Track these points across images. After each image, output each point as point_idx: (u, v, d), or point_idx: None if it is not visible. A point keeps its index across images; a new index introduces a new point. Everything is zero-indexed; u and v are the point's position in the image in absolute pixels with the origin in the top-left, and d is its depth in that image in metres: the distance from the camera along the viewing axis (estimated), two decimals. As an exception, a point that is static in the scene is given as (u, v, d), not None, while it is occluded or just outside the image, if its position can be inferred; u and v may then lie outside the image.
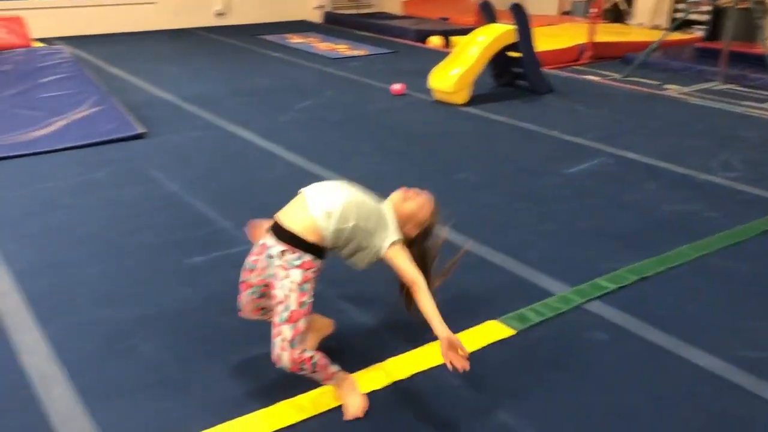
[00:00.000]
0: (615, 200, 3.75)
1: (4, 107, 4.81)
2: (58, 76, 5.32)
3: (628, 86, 6.63)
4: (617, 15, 10.49)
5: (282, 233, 1.97)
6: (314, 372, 1.99)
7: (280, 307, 1.93)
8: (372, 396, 2.13)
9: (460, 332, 2.46)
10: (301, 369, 1.95)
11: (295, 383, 2.17)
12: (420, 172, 4.14)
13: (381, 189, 3.02)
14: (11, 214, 3.45)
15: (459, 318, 2.55)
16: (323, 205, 1.97)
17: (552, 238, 3.27)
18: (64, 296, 2.69)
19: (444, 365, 1.92)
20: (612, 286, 2.79)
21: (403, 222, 2.14)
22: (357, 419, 2.03)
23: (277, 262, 1.96)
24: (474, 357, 2.33)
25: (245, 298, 2.13)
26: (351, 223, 1.97)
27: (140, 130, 4.74)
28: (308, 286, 1.95)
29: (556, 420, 2.05)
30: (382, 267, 2.07)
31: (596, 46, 7.93)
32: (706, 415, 2.09)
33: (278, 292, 1.94)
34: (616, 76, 7.09)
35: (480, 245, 3.16)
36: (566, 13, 11.15)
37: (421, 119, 5.38)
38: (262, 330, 2.49)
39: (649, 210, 3.61)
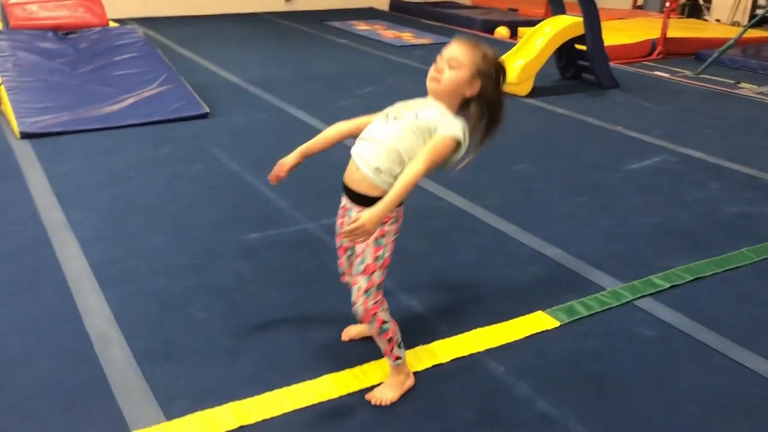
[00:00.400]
0: (676, 198, 3.66)
1: (78, 83, 5.01)
2: (130, 55, 5.50)
3: (700, 84, 6.43)
4: (694, 10, 10.16)
5: (352, 194, 2.03)
6: (379, 335, 2.03)
7: (357, 260, 2.01)
8: (414, 376, 2.16)
9: (507, 321, 2.47)
10: (372, 323, 2.00)
11: (340, 359, 2.22)
12: (477, 161, 4.09)
13: (433, 176, 3.03)
14: (80, 185, 3.62)
15: (508, 306, 2.57)
16: (370, 162, 1.96)
17: (607, 234, 3.22)
18: (125, 264, 2.81)
19: (486, 355, 1.93)
20: (665, 285, 2.74)
21: (453, 93, 1.96)
22: (385, 404, 2.04)
23: None
24: (518, 346, 2.35)
25: (345, 262, 2.19)
26: (404, 162, 1.93)
27: (205, 109, 4.87)
28: (384, 241, 1.99)
29: (597, 411, 2.04)
30: (429, 253, 2.08)
31: (669, 41, 7.70)
32: (750, 417, 2.04)
33: (358, 248, 2.01)
34: (688, 73, 6.88)
35: (533, 237, 3.14)
36: (639, 7, 10.86)
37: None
38: (309, 306, 2.56)
39: (711, 210, 3.52)
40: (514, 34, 8.59)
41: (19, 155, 4.00)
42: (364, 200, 1.97)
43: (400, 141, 1.92)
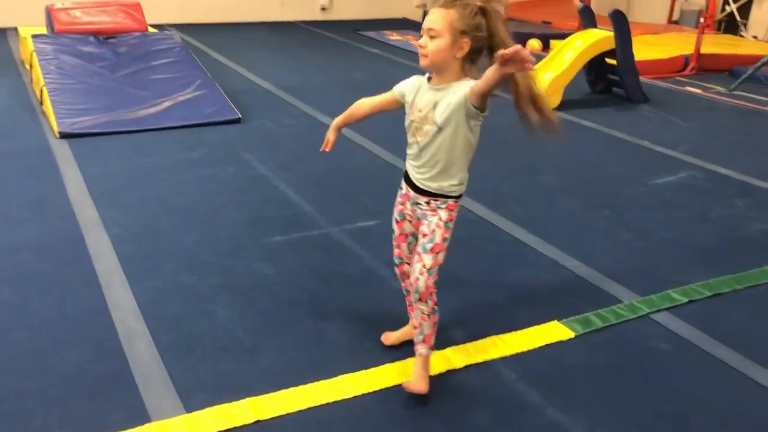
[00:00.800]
0: (699, 214, 3.65)
1: (117, 86, 5.17)
2: (167, 60, 5.65)
3: (732, 100, 6.37)
4: (731, 26, 10.05)
5: (418, 189, 2.10)
6: (430, 316, 2.11)
7: (424, 239, 2.08)
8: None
9: (521, 329, 2.51)
10: (427, 301, 2.09)
11: (357, 360, 2.28)
12: (501, 171, 4.17)
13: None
14: (114, 184, 3.74)
15: (523, 316, 2.60)
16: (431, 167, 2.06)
17: (627, 247, 3.24)
18: (153, 261, 2.91)
19: (499, 362, 1.96)
20: (683, 299, 2.75)
21: (444, 62, 1.95)
22: (417, 394, 2.11)
23: (424, 207, 2.11)
24: (532, 355, 2.38)
25: (404, 250, 2.25)
26: (458, 151, 2.02)
27: (237, 115, 4.99)
28: (452, 225, 2.10)
29: (607, 422, 2.07)
30: (447, 259, 2.13)
31: (702, 57, 7.64)
32: (765, 434, 2.05)
33: (425, 228, 2.09)
34: (721, 89, 6.83)
35: (553, 247, 3.17)
36: (675, 22, 10.78)
37: (508, 120, 5.34)
38: (328, 308, 2.62)
39: (734, 227, 3.51)
40: (546, 47, 8.59)
41: (58, 154, 4.15)
42: (433, 193, 2.08)
43: (444, 154, 2.02)
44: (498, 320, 2.56)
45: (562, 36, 8.09)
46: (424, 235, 2.09)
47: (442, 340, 2.42)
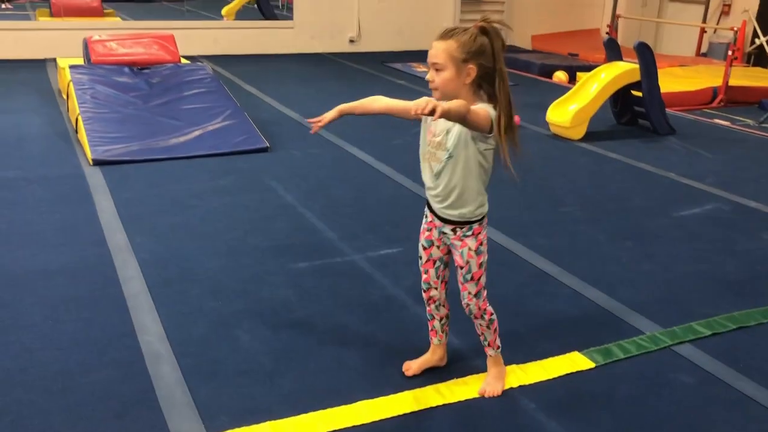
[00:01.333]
0: (725, 247, 3.62)
1: (150, 115, 5.31)
2: (199, 91, 5.80)
3: (761, 133, 6.33)
4: (761, 58, 9.99)
5: (442, 218, 2.16)
6: (488, 327, 2.28)
7: (462, 270, 2.18)
8: (443, 409, 2.22)
9: (541, 360, 2.51)
10: (483, 317, 2.25)
11: (376, 386, 2.30)
12: (525, 201, 4.19)
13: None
14: (143, 210, 3.83)
15: (543, 345, 2.60)
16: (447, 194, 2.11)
17: (651, 279, 3.22)
18: (179, 285, 2.98)
19: (518, 391, 1.97)
20: (706, 332, 2.73)
21: (456, 91, 1.98)
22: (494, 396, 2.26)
23: (451, 236, 2.17)
24: (552, 385, 2.38)
25: (432, 275, 2.29)
26: (472, 176, 2.07)
27: (266, 144, 5.09)
28: (483, 248, 2.17)
29: (626, 454, 2.06)
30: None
31: (731, 89, 7.61)
32: (789, 470, 2.02)
33: (459, 259, 2.17)
34: (750, 122, 6.79)
35: (575, 278, 3.17)
36: (703, 54, 10.75)
37: (534, 151, 5.41)
38: (349, 334, 2.65)
39: (761, 260, 3.47)
40: (572, 79, 8.63)
41: (91, 181, 4.27)
42: (458, 221, 2.14)
43: (458, 180, 2.08)
44: (518, 349, 2.57)
45: (589, 68, 8.13)
46: (461, 267, 2.18)
47: (461, 368, 2.43)
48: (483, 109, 1.97)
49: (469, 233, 2.14)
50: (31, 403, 2.18)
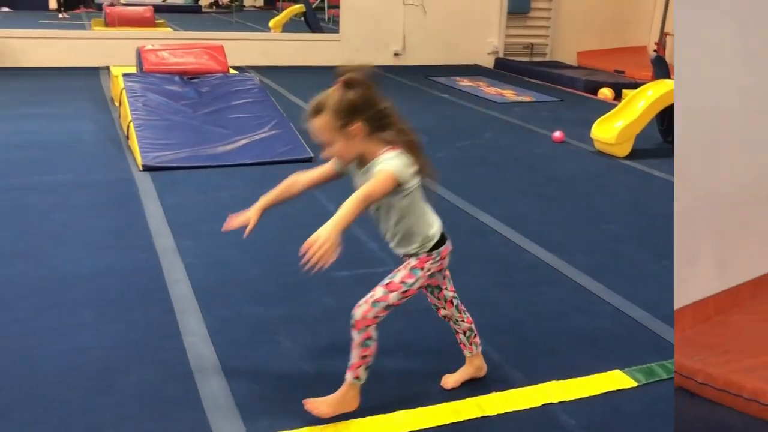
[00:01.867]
0: (773, 269, 3.55)
1: (198, 123, 5.44)
2: (246, 101, 5.92)
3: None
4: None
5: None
6: (359, 347, 2.11)
7: (389, 275, 2.16)
8: (482, 421, 2.22)
9: (582, 376, 2.49)
10: (361, 331, 2.09)
11: (412, 396, 2.32)
12: (565, 218, 4.16)
13: (521, 229, 3.12)
14: (190, 216, 3.93)
15: (584, 362, 2.59)
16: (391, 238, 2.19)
17: (695, 299, 3.17)
18: (223, 290, 3.04)
19: (558, 407, 1.96)
20: (752, 355, 2.68)
21: (354, 151, 2.05)
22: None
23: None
24: (592, 402, 2.36)
25: (432, 297, 2.37)
26: (406, 219, 2.10)
27: (310, 154, 5.16)
28: (420, 273, 2.13)
29: (666, 475, 2.03)
30: (510, 303, 2.16)
31: (782, 109, 7.43)
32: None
33: (399, 268, 2.18)
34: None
35: (617, 296, 3.14)
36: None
37: (578, 167, 5.38)
38: (387, 343, 2.67)
39: (811, 284, 3.39)
40: (618, 96, 8.54)
41: (140, 186, 4.39)
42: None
43: (392, 224, 2.14)
44: (558, 366, 2.55)
45: (635, 85, 8.03)
46: (394, 272, 2.16)
47: (501, 382, 2.43)
48: (381, 175, 1.94)
49: (414, 261, 2.14)
50: (78, 399, 2.25)
